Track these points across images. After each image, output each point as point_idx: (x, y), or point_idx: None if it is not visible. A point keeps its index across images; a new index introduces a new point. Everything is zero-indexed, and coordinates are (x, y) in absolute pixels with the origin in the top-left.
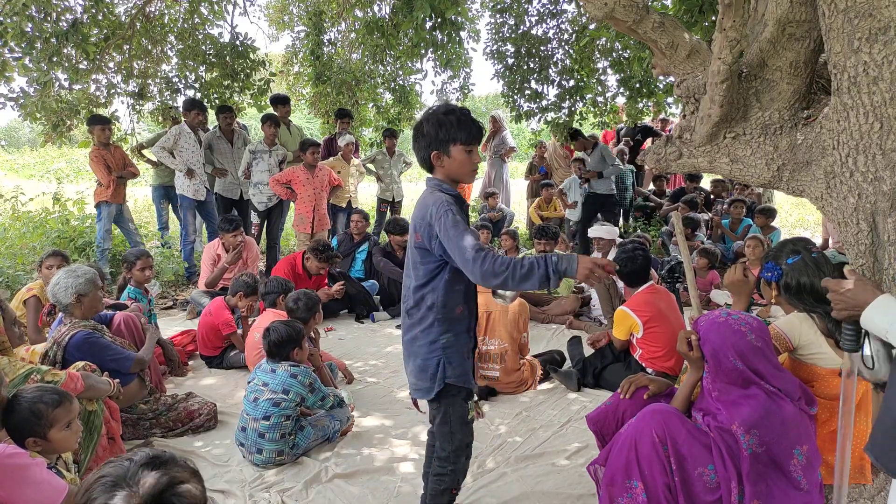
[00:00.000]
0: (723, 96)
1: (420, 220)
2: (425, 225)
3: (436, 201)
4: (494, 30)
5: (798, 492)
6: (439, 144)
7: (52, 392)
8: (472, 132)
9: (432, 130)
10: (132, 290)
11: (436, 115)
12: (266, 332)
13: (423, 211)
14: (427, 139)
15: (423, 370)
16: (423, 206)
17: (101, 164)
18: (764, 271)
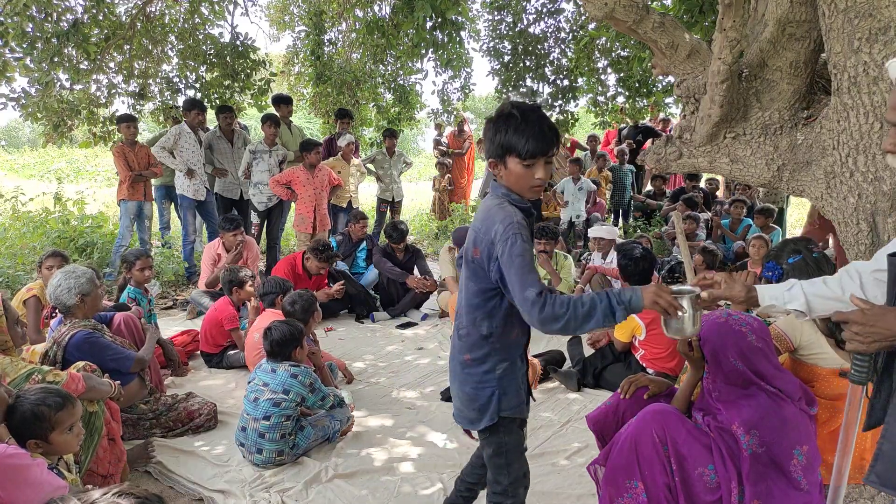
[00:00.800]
0: (723, 96)
1: (482, 234)
2: (487, 242)
3: (505, 218)
4: (492, 27)
5: (798, 492)
6: (496, 151)
7: (55, 394)
8: (532, 144)
9: (491, 132)
10: (132, 290)
11: (499, 115)
12: (267, 332)
13: (488, 224)
14: (487, 142)
15: (472, 399)
16: (489, 218)
17: (122, 160)
18: (765, 271)
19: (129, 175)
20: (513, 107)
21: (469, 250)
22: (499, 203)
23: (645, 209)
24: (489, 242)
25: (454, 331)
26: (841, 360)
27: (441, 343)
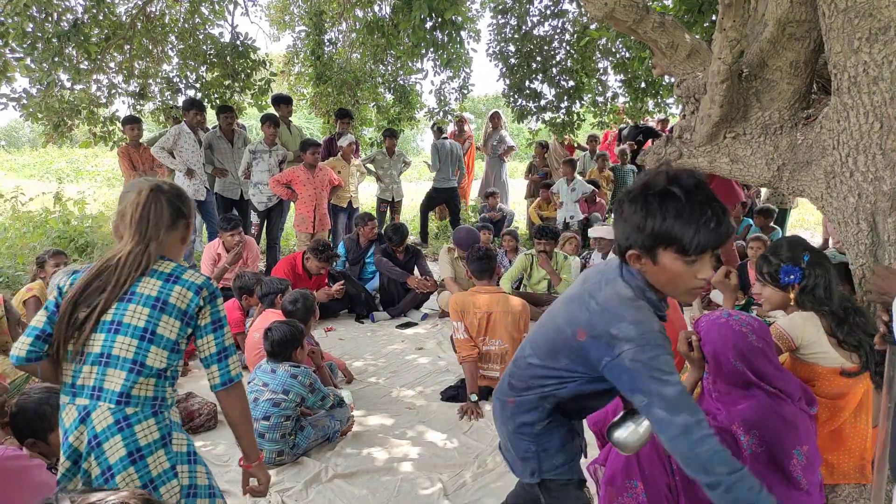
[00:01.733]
0: (723, 96)
1: (599, 323)
2: (607, 337)
3: (641, 327)
4: (497, 30)
5: (798, 492)
6: (643, 240)
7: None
8: (703, 236)
9: (637, 214)
10: None
11: (650, 191)
12: (267, 332)
13: (613, 316)
14: (626, 225)
15: (513, 447)
16: (615, 309)
17: (126, 161)
18: (783, 275)
19: (134, 175)
20: (670, 181)
21: (567, 325)
22: (633, 296)
23: None
24: (607, 342)
25: (504, 387)
26: (842, 359)
27: (441, 343)
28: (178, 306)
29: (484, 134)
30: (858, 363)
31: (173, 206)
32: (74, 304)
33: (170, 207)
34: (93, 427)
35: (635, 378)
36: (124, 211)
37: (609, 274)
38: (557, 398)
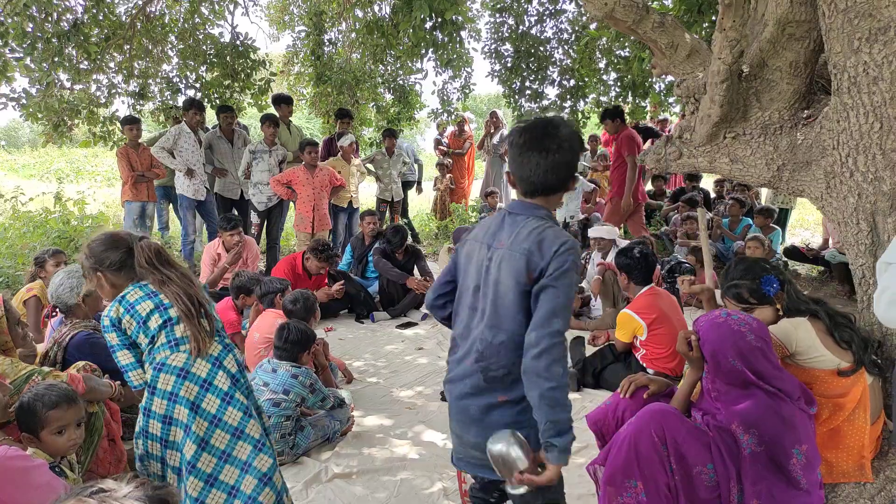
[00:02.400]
0: (723, 96)
1: (537, 256)
2: (544, 264)
3: (567, 246)
4: (494, 29)
5: (798, 491)
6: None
7: (56, 393)
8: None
9: (577, 154)
10: None
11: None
12: (281, 330)
13: (549, 247)
14: (575, 160)
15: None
16: (543, 240)
17: (124, 161)
18: (765, 286)
19: (132, 176)
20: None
21: (516, 277)
22: (551, 227)
23: (645, 209)
24: (546, 265)
25: (475, 376)
26: (837, 359)
27: (441, 343)
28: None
29: (484, 134)
30: (852, 361)
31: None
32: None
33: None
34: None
35: (554, 298)
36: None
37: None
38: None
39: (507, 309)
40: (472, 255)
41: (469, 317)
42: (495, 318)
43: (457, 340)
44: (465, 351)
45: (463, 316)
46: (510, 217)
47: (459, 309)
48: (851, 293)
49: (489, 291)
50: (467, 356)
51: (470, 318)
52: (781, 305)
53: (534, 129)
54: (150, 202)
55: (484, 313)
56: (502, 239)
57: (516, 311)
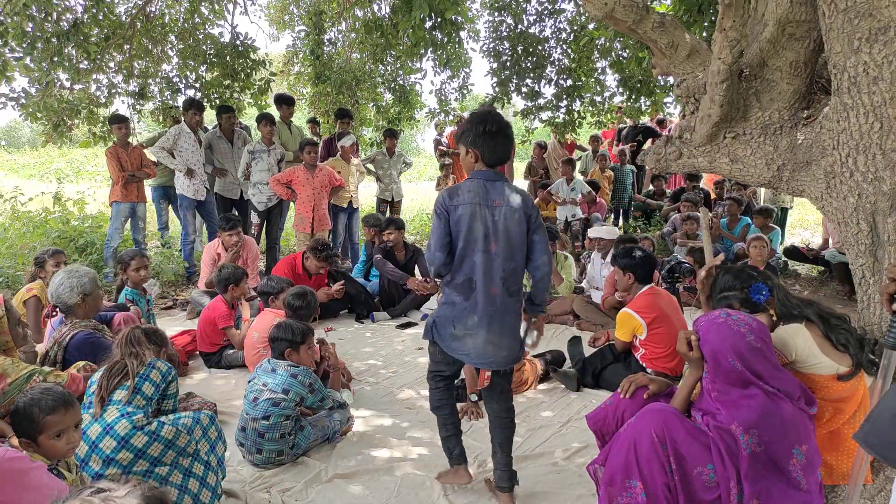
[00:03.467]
0: (723, 96)
1: (528, 209)
2: (532, 213)
3: (532, 199)
4: (492, 28)
5: (797, 491)
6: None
7: (53, 397)
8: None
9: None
10: (129, 292)
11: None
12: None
13: (529, 202)
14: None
15: (519, 341)
16: (525, 198)
17: (114, 162)
18: (754, 294)
19: (122, 176)
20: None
21: (522, 222)
22: (514, 187)
23: (645, 209)
24: (536, 213)
25: (501, 294)
26: (837, 364)
27: None
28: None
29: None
30: (850, 364)
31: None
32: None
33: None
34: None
35: (542, 234)
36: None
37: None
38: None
39: (517, 247)
40: (475, 215)
41: (485, 259)
42: (510, 253)
43: (472, 277)
44: (493, 276)
45: (476, 259)
46: (489, 183)
47: (469, 255)
48: (851, 293)
49: (500, 237)
50: (493, 279)
51: (486, 258)
52: (774, 311)
53: (496, 119)
54: (141, 202)
55: (499, 253)
56: (496, 199)
57: (521, 247)
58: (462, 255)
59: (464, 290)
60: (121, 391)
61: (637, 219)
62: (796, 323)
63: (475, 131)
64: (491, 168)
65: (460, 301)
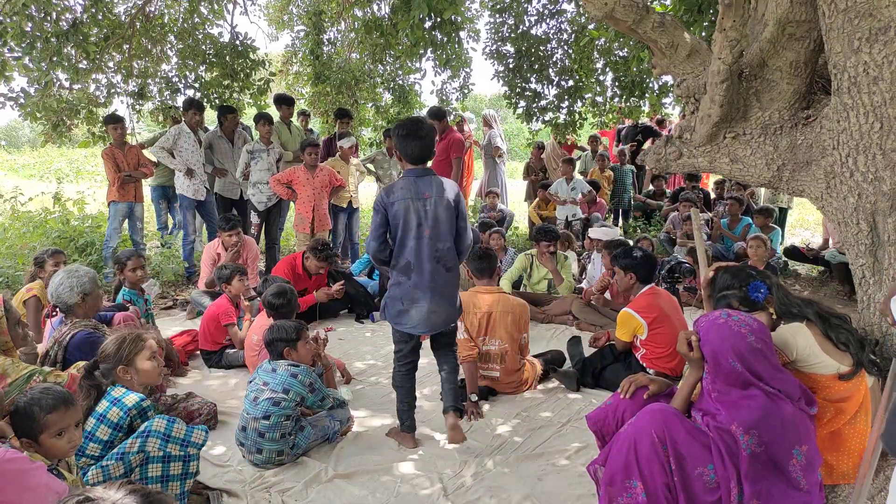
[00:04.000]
0: (723, 96)
1: (455, 198)
2: (458, 202)
3: (457, 189)
4: (494, 30)
5: (798, 492)
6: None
7: (53, 396)
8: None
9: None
10: (127, 292)
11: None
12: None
13: (456, 191)
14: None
15: (458, 306)
16: (449, 188)
17: (110, 162)
18: (752, 292)
19: (119, 177)
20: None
21: (453, 208)
22: (442, 178)
23: (645, 209)
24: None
25: (438, 270)
26: (838, 363)
27: None
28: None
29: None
30: (851, 364)
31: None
32: None
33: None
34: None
35: (466, 219)
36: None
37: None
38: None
39: (446, 231)
40: (409, 208)
41: (417, 244)
42: (439, 236)
43: (410, 261)
44: (426, 260)
45: (412, 245)
46: (418, 179)
47: (406, 242)
48: (851, 293)
49: (430, 223)
50: (429, 262)
51: (418, 243)
52: (774, 310)
53: (408, 124)
54: (138, 203)
55: (430, 237)
56: (426, 192)
57: (451, 230)
58: (402, 243)
59: (405, 270)
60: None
61: (637, 219)
62: (797, 322)
63: (396, 137)
64: (417, 166)
65: (404, 280)
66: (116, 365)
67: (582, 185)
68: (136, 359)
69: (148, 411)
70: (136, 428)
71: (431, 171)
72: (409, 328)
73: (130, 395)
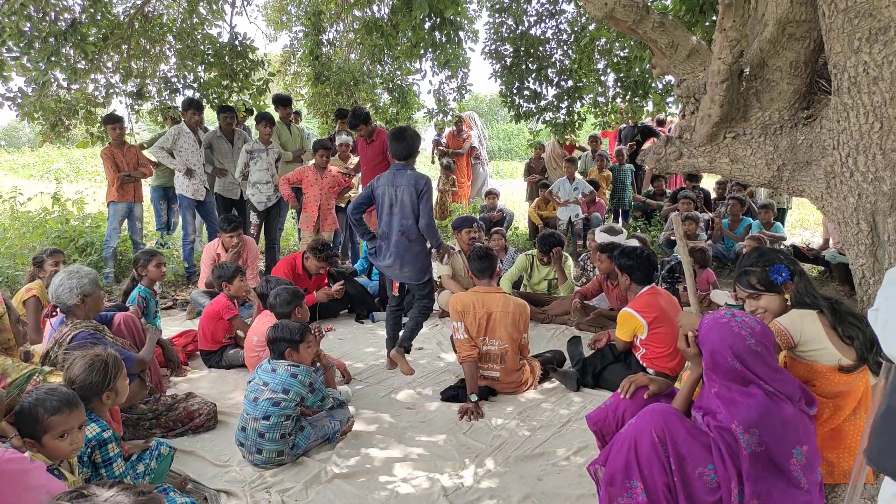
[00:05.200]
0: (723, 96)
1: (423, 185)
2: (421, 189)
3: (424, 181)
4: (493, 30)
5: (798, 491)
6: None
7: (58, 398)
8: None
9: (416, 141)
10: (143, 290)
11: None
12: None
13: (420, 181)
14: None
15: (420, 269)
16: (418, 179)
17: (110, 162)
18: (774, 275)
19: (118, 177)
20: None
21: (414, 191)
22: (414, 171)
23: (645, 209)
24: (423, 189)
25: (399, 240)
26: (840, 354)
27: (441, 343)
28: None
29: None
30: (855, 358)
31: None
32: None
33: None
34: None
35: (426, 203)
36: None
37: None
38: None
39: (409, 211)
40: (385, 192)
41: (389, 219)
42: (405, 215)
43: (384, 230)
44: (393, 230)
45: (386, 219)
46: (397, 172)
47: (382, 215)
48: (851, 293)
49: (398, 204)
50: (394, 232)
51: (390, 218)
52: (790, 295)
53: (394, 130)
54: (138, 203)
55: (398, 215)
56: (399, 181)
57: (412, 211)
58: (380, 217)
59: (383, 237)
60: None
61: (637, 219)
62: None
63: (388, 139)
64: (398, 161)
65: (382, 244)
66: (103, 391)
67: (584, 185)
68: (117, 381)
69: (108, 443)
70: (96, 460)
71: (410, 166)
72: (387, 272)
73: (91, 424)
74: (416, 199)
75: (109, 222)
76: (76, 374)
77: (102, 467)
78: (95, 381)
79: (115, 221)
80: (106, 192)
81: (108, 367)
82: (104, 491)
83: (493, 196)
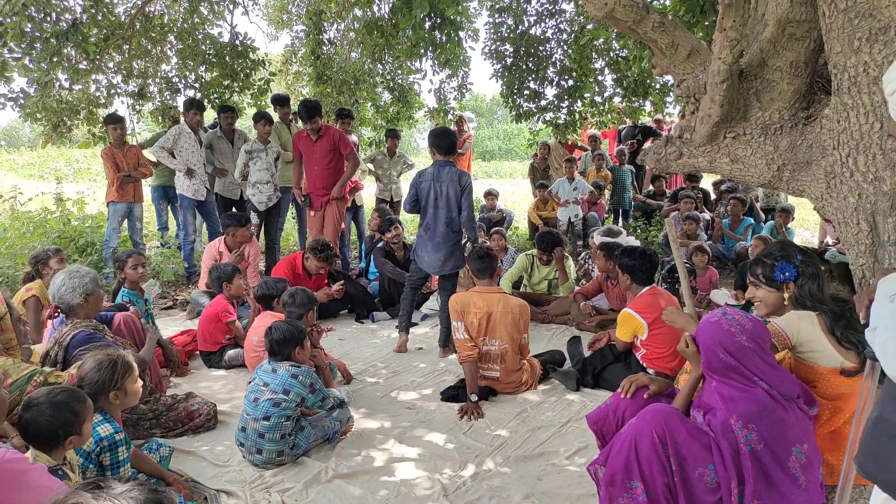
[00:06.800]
0: (723, 96)
1: (466, 181)
2: (464, 184)
3: (467, 177)
4: (493, 30)
5: (798, 490)
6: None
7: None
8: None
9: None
10: (126, 293)
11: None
12: (268, 331)
13: (463, 177)
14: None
15: (460, 258)
16: (462, 175)
17: (110, 162)
18: (777, 272)
19: (118, 177)
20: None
21: (457, 186)
22: (458, 169)
23: (645, 209)
24: (466, 184)
25: (443, 231)
26: (840, 357)
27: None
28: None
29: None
30: (857, 361)
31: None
32: None
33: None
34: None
35: (469, 197)
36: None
37: (447, 173)
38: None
39: (453, 205)
40: (430, 187)
41: (434, 212)
42: (448, 209)
43: (429, 222)
44: (439, 222)
45: (432, 212)
46: (441, 168)
47: (428, 209)
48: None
49: (443, 199)
50: (440, 224)
51: (435, 211)
52: (789, 295)
53: (437, 129)
54: (138, 203)
55: (444, 208)
56: (443, 177)
57: (455, 205)
58: (424, 210)
59: (427, 229)
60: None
61: (637, 219)
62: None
63: (431, 137)
64: (443, 157)
65: (424, 234)
66: (110, 390)
67: (584, 185)
68: (125, 382)
69: (119, 446)
70: (104, 462)
71: (452, 162)
72: (425, 266)
73: (105, 424)
74: (460, 193)
75: (109, 222)
76: (85, 372)
77: (109, 470)
78: (103, 378)
79: (114, 221)
80: (106, 192)
81: (117, 366)
82: (119, 485)
83: (492, 196)
